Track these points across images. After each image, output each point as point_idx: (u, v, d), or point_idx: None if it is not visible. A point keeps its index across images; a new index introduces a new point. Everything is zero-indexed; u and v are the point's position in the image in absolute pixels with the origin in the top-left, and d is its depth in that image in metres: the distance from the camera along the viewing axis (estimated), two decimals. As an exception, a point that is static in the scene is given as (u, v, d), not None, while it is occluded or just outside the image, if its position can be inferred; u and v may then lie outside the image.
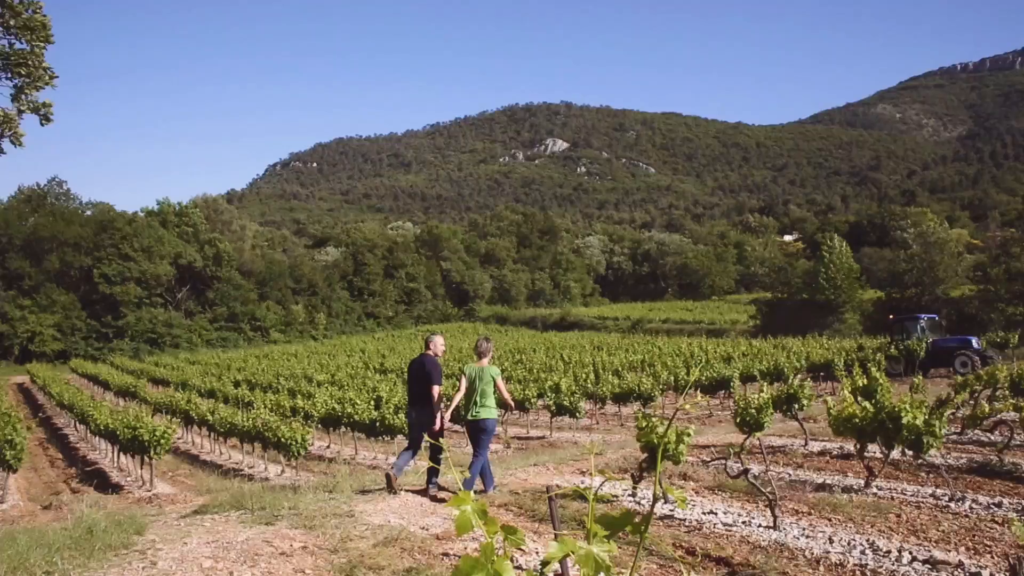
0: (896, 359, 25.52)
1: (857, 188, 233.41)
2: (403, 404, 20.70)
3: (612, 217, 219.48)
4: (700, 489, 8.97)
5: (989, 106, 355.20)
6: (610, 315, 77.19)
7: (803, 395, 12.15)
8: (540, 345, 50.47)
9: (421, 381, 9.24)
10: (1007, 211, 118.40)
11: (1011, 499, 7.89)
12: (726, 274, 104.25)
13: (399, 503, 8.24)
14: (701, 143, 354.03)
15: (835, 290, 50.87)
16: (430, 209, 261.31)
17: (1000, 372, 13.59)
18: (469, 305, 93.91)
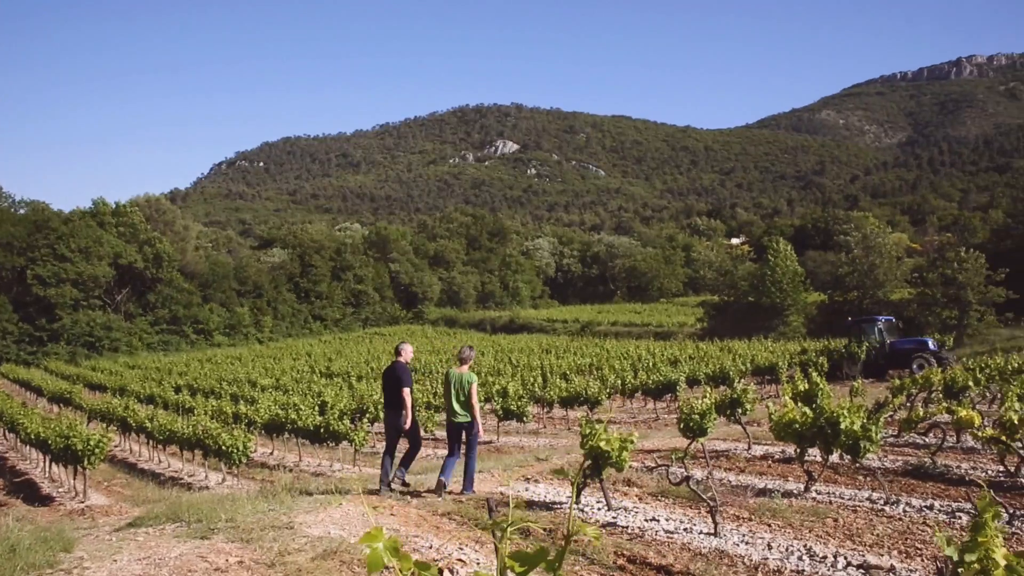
0: (854, 361, 25.88)
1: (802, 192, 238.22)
2: (348, 409, 20.49)
3: (562, 219, 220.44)
4: (644, 495, 8.99)
5: (927, 114, 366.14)
6: (559, 317, 77.43)
7: (746, 400, 12.28)
8: (489, 348, 50.37)
9: (394, 386, 9.84)
10: (944, 216, 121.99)
11: (942, 501, 8.07)
12: (674, 276, 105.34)
13: (340, 514, 8.09)
14: (650, 146, 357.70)
15: (780, 293, 51.72)
16: (379, 210, 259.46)
17: (935, 376, 13.93)
18: (418, 307, 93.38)
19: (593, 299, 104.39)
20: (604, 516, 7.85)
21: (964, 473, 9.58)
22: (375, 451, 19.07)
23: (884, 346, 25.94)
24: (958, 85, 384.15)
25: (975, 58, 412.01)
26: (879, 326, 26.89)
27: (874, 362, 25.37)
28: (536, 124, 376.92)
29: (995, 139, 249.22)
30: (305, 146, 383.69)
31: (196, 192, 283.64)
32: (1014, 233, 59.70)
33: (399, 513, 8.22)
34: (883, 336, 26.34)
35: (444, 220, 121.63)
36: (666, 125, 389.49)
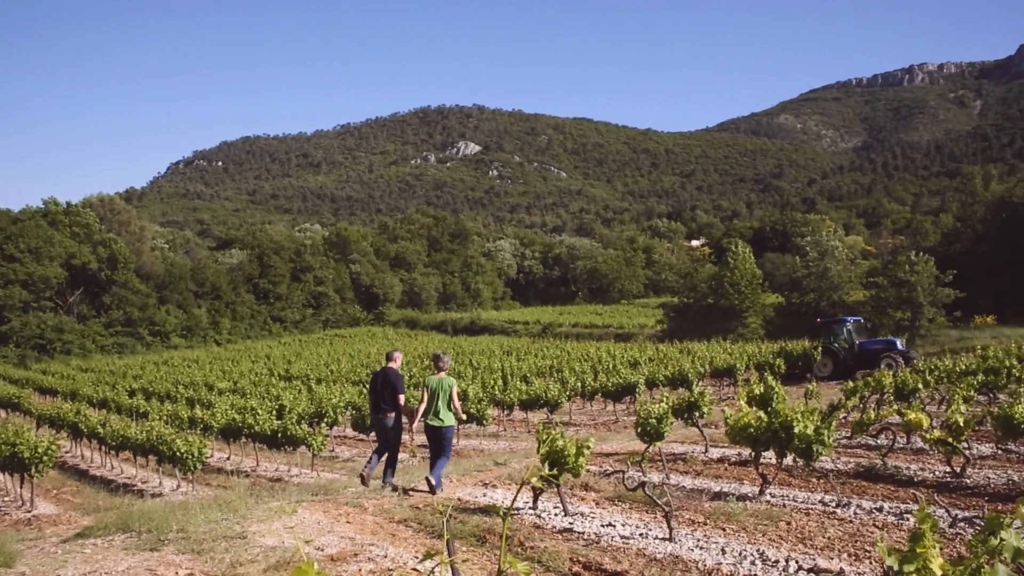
0: (824, 362, 26.07)
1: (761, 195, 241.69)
2: (306, 413, 20.29)
3: (524, 221, 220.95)
4: (601, 500, 9.03)
5: (881, 119, 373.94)
6: (521, 319, 77.49)
7: (703, 403, 12.39)
8: (450, 350, 50.21)
9: (386, 391, 10.40)
10: (897, 219, 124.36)
11: (892, 503, 8.22)
12: (635, 278, 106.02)
13: (295, 522, 8.00)
14: (612, 149, 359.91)
15: (739, 295, 52.30)
16: (340, 211, 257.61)
17: (886, 378, 14.19)
18: (379, 309, 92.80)
19: (555, 300, 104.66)
20: (561, 522, 7.86)
21: (913, 474, 9.77)
22: (334, 455, 18.93)
23: (853, 347, 26.05)
24: (910, 92, 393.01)
25: (926, 66, 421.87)
26: (848, 327, 27.00)
27: (843, 363, 25.47)
28: (498, 125, 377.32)
29: (945, 145, 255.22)
30: (265, 146, 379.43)
31: (153, 192, 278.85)
32: (963, 236, 61.12)
33: (355, 521, 8.15)
34: (852, 337, 26.47)
35: (405, 221, 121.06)
36: (627, 128, 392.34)
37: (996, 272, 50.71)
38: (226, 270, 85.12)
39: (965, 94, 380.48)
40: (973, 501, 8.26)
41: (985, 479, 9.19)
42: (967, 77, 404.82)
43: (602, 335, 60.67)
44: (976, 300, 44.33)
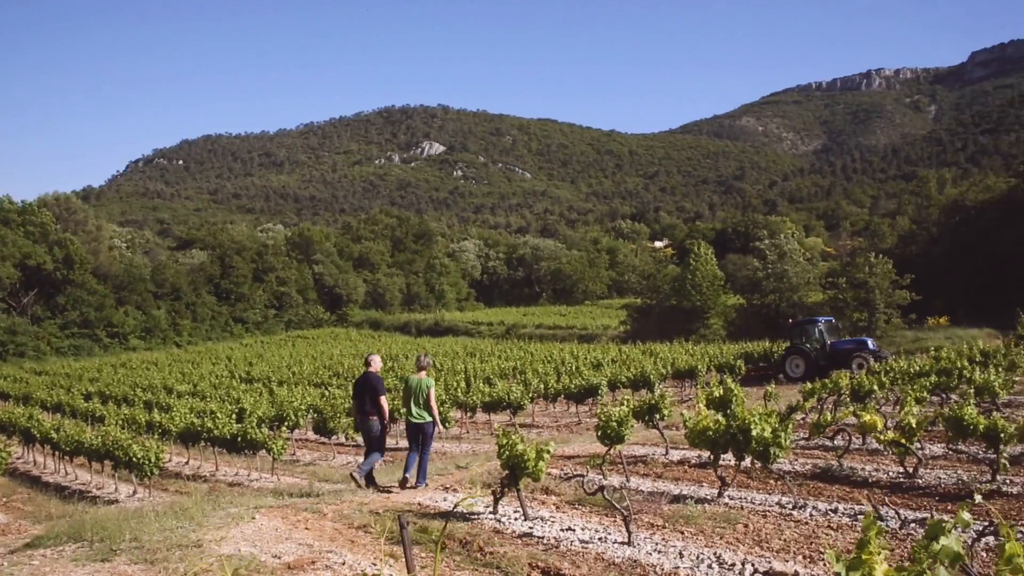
0: (796, 363, 26.01)
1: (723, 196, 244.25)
2: (267, 417, 20.09)
3: (488, 221, 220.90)
4: (561, 504, 9.05)
5: (840, 123, 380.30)
6: (484, 320, 77.48)
7: (664, 405, 12.49)
8: (413, 352, 50.03)
9: (370, 395, 10.99)
10: (856, 221, 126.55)
11: (846, 504, 8.35)
12: (599, 279, 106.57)
13: (253, 529, 7.91)
14: (576, 150, 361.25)
15: (701, 296, 52.79)
16: (303, 211, 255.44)
17: (843, 380, 14.42)
18: (342, 310, 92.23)
19: (519, 301, 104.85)
20: (521, 526, 7.87)
21: (868, 475, 9.93)
22: (295, 459, 18.76)
23: (825, 347, 26.06)
24: (868, 96, 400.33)
25: (883, 71, 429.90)
26: (820, 327, 26.98)
27: (815, 363, 25.42)
28: (462, 126, 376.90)
29: (902, 149, 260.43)
30: (227, 144, 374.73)
31: (111, 191, 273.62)
32: (919, 239, 62.35)
33: (313, 527, 8.08)
34: (824, 337, 26.47)
35: (369, 222, 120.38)
36: (591, 129, 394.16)
37: (950, 274, 51.80)
38: (187, 270, 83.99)
39: (920, 99, 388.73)
40: (924, 501, 8.44)
41: (936, 479, 9.38)
42: (922, 83, 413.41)
43: (566, 336, 60.89)
44: (931, 301, 45.23)
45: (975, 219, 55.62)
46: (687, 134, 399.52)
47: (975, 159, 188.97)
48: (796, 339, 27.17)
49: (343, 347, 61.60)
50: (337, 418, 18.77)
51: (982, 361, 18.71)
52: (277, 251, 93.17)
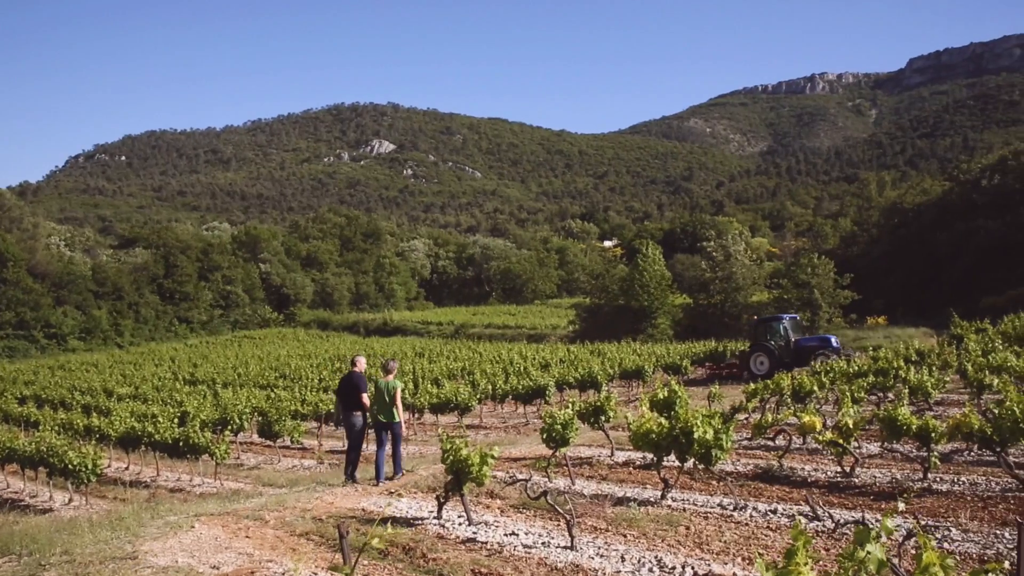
0: (761, 360, 25.86)
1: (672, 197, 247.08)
2: (211, 420, 19.76)
3: (438, 220, 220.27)
4: (506, 508, 9.06)
5: (785, 125, 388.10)
6: (434, 320, 77.22)
7: (609, 407, 12.57)
8: (362, 352, 49.61)
9: (353, 392, 11.81)
10: (800, 222, 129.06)
11: (785, 504, 8.51)
12: (548, 279, 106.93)
13: (191, 539, 7.76)
14: (526, 149, 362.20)
15: (649, 296, 53.31)
16: (250, 209, 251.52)
17: (784, 381, 14.69)
18: (290, 309, 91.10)
19: (468, 301, 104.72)
20: (465, 531, 7.86)
21: (807, 475, 10.14)
22: (239, 463, 18.47)
23: (789, 344, 26.05)
24: (812, 100, 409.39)
25: (826, 75, 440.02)
26: (784, 324, 26.97)
27: (779, 360, 25.31)
28: (413, 124, 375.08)
29: (844, 151, 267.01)
30: (171, 140, 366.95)
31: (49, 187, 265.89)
32: (859, 240, 64.00)
33: (255, 535, 7.97)
34: (788, 334, 26.48)
35: (317, 220, 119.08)
36: (541, 128, 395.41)
37: (889, 274, 53.32)
38: (129, 269, 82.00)
39: (862, 103, 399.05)
40: (860, 500, 8.64)
41: (872, 478, 9.62)
42: (863, 87, 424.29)
43: (515, 336, 60.98)
44: (871, 301, 46.48)
45: (912, 221, 57.31)
46: (636, 135, 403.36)
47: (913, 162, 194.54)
48: (761, 336, 27.20)
49: (290, 347, 60.84)
50: (282, 421, 18.51)
51: (917, 361, 19.25)
52: (223, 250, 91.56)
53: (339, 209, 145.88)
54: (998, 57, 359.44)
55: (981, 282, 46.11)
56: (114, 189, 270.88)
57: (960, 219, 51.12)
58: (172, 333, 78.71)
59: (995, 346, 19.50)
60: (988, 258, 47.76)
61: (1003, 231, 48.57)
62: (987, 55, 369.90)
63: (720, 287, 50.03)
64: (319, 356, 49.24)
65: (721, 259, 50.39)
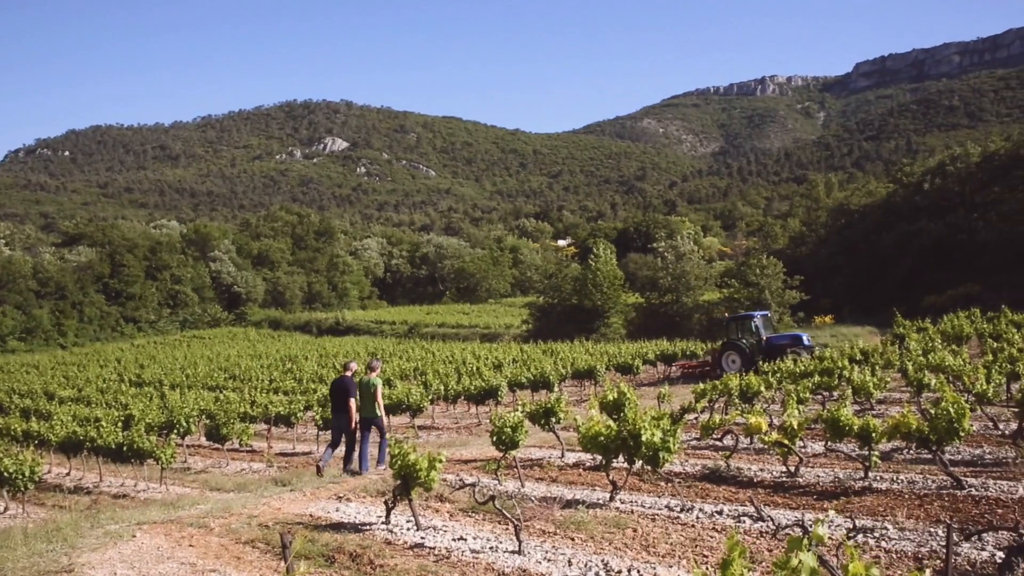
0: (732, 358, 25.67)
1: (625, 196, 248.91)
2: (157, 423, 19.38)
3: (392, 219, 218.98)
4: (455, 512, 9.03)
5: (736, 126, 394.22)
6: (387, 319, 76.77)
7: (560, 409, 12.62)
8: (313, 352, 49.16)
9: (341, 395, 12.76)
10: (751, 222, 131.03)
11: (731, 505, 8.63)
12: (502, 278, 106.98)
13: (132, 549, 7.58)
14: (480, 148, 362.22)
15: (601, 295, 53.67)
16: (200, 206, 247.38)
17: (732, 381, 14.89)
18: (240, 308, 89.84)
19: (422, 300, 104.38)
20: (413, 537, 7.82)
21: (754, 475, 10.30)
22: (186, 467, 18.12)
23: (761, 342, 25.96)
24: (763, 102, 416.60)
25: (776, 77, 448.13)
26: (756, 322, 26.89)
27: (750, 357, 25.20)
28: (366, 122, 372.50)
29: (793, 153, 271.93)
30: (118, 136, 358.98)
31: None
32: (808, 240, 65.21)
33: (198, 543, 7.82)
34: (760, 332, 26.45)
35: (269, 218, 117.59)
36: (496, 128, 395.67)
37: (836, 274, 54.44)
38: (73, 268, 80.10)
39: (811, 106, 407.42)
40: (804, 500, 8.80)
41: (816, 477, 9.82)
42: (812, 90, 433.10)
43: (468, 335, 60.90)
44: (819, 300, 47.40)
45: (858, 222, 58.59)
46: (590, 134, 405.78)
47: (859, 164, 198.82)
48: (732, 334, 27.18)
49: (241, 348, 59.97)
50: (231, 423, 18.21)
51: (861, 360, 19.67)
52: (172, 248, 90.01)
53: (291, 207, 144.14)
54: (939, 63, 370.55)
55: (923, 282, 47.37)
56: (57, 185, 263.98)
57: (904, 220, 52.42)
58: (118, 333, 77.10)
59: (935, 345, 20.03)
60: (930, 258, 49.07)
61: (944, 232, 49.96)
62: (928, 61, 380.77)
63: (671, 286, 50.53)
64: (270, 356, 48.62)
65: (672, 259, 50.92)
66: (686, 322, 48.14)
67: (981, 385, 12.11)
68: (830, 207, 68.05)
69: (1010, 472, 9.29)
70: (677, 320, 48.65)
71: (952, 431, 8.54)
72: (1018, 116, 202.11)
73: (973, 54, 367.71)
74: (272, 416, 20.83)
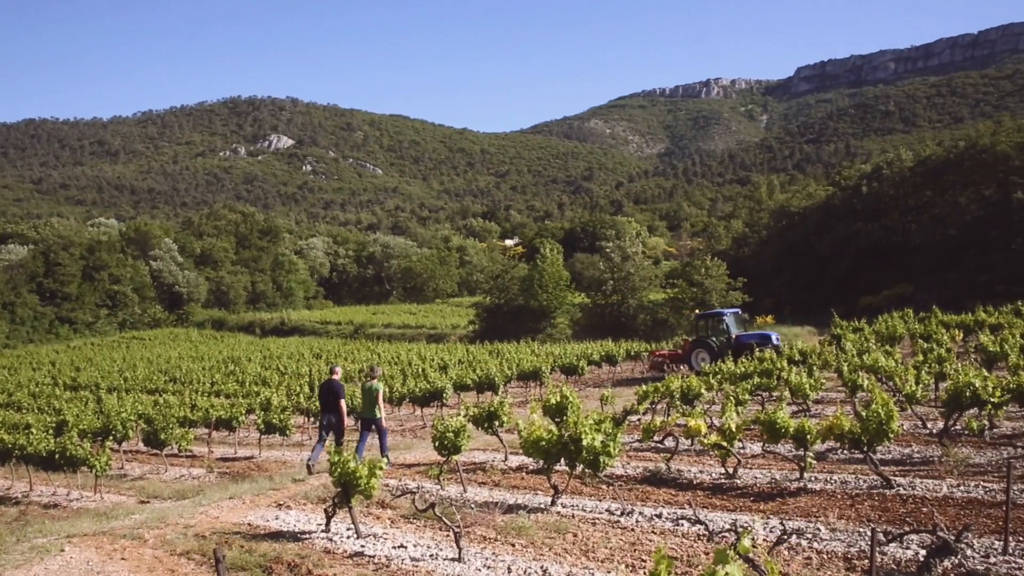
0: (702, 356, 25.54)
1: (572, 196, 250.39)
2: (92, 429, 18.89)
3: (338, 218, 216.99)
4: (396, 519, 8.99)
5: (682, 128, 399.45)
6: (333, 319, 75.99)
7: (503, 412, 12.63)
8: (257, 354, 48.40)
9: (331, 397, 13.74)
10: (696, 223, 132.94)
11: (670, 508, 8.74)
12: (449, 278, 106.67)
13: (60, 564, 7.37)
14: (428, 147, 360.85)
15: (547, 296, 53.91)
16: (140, 204, 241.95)
17: (673, 383, 15.07)
18: (183, 309, 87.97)
19: (369, 299, 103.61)
20: (353, 545, 7.76)
21: (693, 477, 10.45)
22: (123, 474, 17.68)
23: (730, 340, 25.91)
24: (708, 104, 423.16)
25: (721, 80, 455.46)
26: (727, 319, 26.83)
27: (719, 355, 24.86)
28: (312, 120, 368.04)
29: (737, 154, 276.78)
30: (53, 130, 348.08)
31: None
32: (750, 241, 66.45)
33: (131, 556, 7.64)
34: (730, 329, 26.42)
35: (212, 217, 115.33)
36: (444, 127, 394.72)
37: (777, 274, 55.56)
38: (4, 267, 77.51)
39: (754, 108, 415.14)
40: (741, 501, 8.97)
41: (753, 479, 10.01)
42: (755, 93, 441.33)
43: (415, 335, 60.62)
44: (761, 300, 48.30)
45: (799, 224, 59.88)
46: (538, 134, 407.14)
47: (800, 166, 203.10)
48: (702, 331, 27.13)
49: (182, 349, 58.75)
50: (170, 429, 17.82)
51: (800, 361, 20.10)
52: (111, 247, 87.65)
53: (235, 205, 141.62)
54: (876, 69, 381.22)
55: (860, 282, 48.67)
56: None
57: (842, 223, 53.72)
58: (53, 335, 74.86)
59: (869, 346, 20.56)
60: (866, 260, 50.43)
61: (879, 235, 51.39)
62: (866, 67, 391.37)
63: (617, 287, 50.97)
64: (212, 358, 47.73)
65: (619, 260, 51.37)
66: (631, 322, 48.62)
67: (911, 386, 12.48)
68: (772, 209, 69.40)
69: (936, 471, 9.60)
70: (623, 320, 49.10)
71: (882, 432, 8.79)
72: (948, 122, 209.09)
73: (907, 61, 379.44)
74: (213, 420, 20.44)
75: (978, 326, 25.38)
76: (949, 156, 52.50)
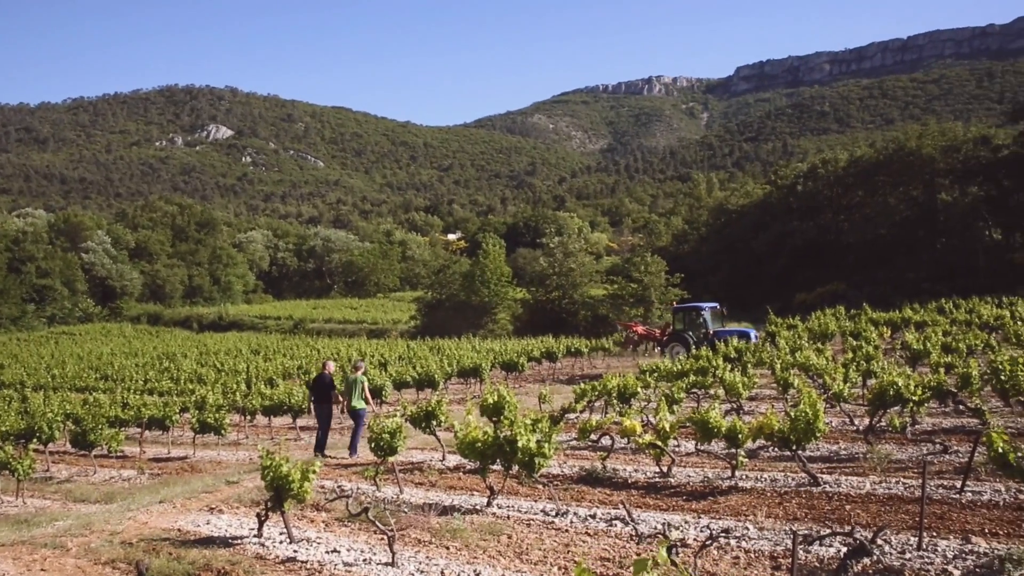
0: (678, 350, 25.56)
1: (515, 191, 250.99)
2: (14, 430, 18.27)
3: (278, 211, 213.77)
4: (331, 522, 8.90)
5: (624, 124, 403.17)
6: (272, 314, 74.95)
7: (440, 412, 12.60)
8: (193, 350, 47.40)
9: (324, 389, 14.94)
10: (637, 219, 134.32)
11: (605, 509, 8.82)
12: (391, 272, 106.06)
13: (-21, 574, 7.12)
14: (370, 139, 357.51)
15: (489, 291, 53.98)
16: (71, 194, 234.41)
17: (611, 382, 15.21)
18: (116, 303, 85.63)
19: (309, 294, 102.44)
20: (285, 551, 7.65)
21: (628, 476, 10.57)
22: (48, 476, 17.13)
23: (708, 334, 25.88)
24: (649, 101, 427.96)
25: (663, 78, 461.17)
26: (704, 314, 26.75)
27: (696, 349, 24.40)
28: (252, 110, 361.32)
29: (678, 151, 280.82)
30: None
31: None
32: (690, 238, 67.50)
33: (52, 567, 7.41)
34: (708, 324, 26.37)
35: (147, 208, 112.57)
36: (386, 119, 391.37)
37: (716, 271, 56.53)
38: (-77, 259, 74.51)
39: (695, 106, 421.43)
40: (675, 501, 9.10)
41: (687, 478, 10.17)
42: (696, 91, 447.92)
43: (356, 331, 60.14)
44: (700, 296, 49.07)
45: (737, 221, 61.02)
46: (481, 128, 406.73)
47: (740, 164, 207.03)
48: (679, 325, 27.04)
49: (115, 345, 57.23)
50: (99, 429, 17.31)
51: (736, 358, 20.48)
52: (38, 238, 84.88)
53: (171, 197, 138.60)
54: (812, 71, 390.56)
55: (795, 280, 49.87)
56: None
57: (778, 221, 54.97)
58: (-25, 330, 72.23)
59: (802, 343, 21.06)
60: (802, 257, 51.70)
61: (814, 233, 52.73)
62: (803, 68, 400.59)
63: (558, 282, 51.28)
64: (146, 354, 46.60)
65: (560, 256, 51.67)
66: (572, 319, 48.95)
67: (839, 385, 12.82)
68: (711, 207, 70.62)
69: (860, 467, 9.89)
70: (563, 316, 49.41)
71: (809, 431, 9.02)
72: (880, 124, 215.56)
73: (842, 63, 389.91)
74: (145, 419, 19.94)
75: (905, 323, 26.24)
76: (879, 157, 54.12)
